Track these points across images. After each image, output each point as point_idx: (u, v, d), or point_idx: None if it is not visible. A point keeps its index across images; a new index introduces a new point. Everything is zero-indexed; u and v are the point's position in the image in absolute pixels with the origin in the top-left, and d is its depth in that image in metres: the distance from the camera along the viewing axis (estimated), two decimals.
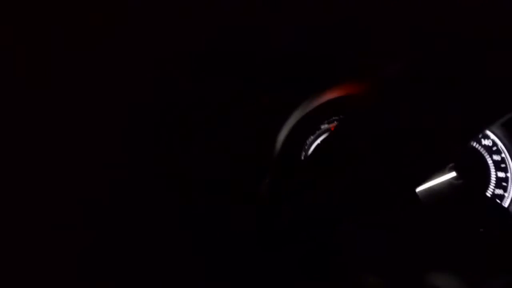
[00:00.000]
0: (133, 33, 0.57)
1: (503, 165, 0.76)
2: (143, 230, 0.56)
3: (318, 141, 0.80)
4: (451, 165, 0.72)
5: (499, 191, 0.75)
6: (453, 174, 0.73)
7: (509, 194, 0.75)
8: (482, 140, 0.77)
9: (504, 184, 0.75)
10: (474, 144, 0.77)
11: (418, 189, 0.69)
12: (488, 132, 0.77)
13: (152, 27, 0.58)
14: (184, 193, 0.64)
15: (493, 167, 0.76)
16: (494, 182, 0.75)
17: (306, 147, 0.78)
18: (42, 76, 0.53)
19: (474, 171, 0.76)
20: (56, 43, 0.52)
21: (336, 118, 0.79)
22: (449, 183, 0.73)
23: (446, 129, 0.58)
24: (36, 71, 0.52)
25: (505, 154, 0.76)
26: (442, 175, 0.72)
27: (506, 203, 0.74)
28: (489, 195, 0.75)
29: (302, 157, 0.77)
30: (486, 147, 0.77)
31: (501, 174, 0.76)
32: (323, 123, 0.79)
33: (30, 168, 0.51)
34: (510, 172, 0.75)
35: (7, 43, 0.51)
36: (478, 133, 0.75)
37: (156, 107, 0.65)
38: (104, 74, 0.57)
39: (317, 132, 0.79)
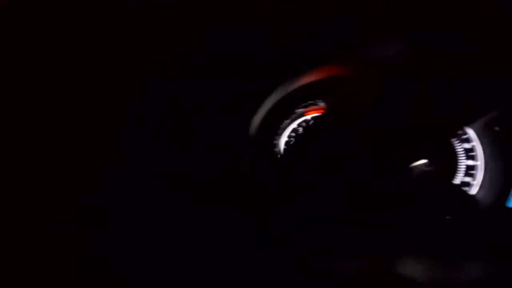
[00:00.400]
0: (133, 33, 0.57)
1: (472, 154, 0.78)
2: (143, 230, 0.57)
3: (294, 125, 0.80)
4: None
5: (467, 179, 0.77)
6: (424, 160, 0.75)
7: (478, 182, 0.76)
8: None
9: (473, 172, 0.77)
10: None
11: None
12: None
13: (152, 27, 0.57)
14: (184, 193, 0.64)
15: (463, 155, 0.78)
16: (463, 170, 0.77)
17: (280, 132, 0.78)
18: (42, 76, 0.52)
19: (444, 158, 0.77)
20: (56, 43, 0.52)
21: (311, 102, 0.79)
22: (420, 169, 0.75)
23: (431, 126, 0.60)
24: (36, 71, 0.52)
25: (476, 142, 0.78)
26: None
27: (473, 191, 0.76)
28: (457, 183, 0.77)
29: (276, 141, 0.78)
30: (457, 135, 0.78)
31: (470, 162, 0.78)
32: (298, 108, 0.79)
33: (30, 169, 0.51)
34: (480, 161, 0.77)
35: (8, 42, 0.50)
36: (459, 130, 0.76)
37: (156, 107, 0.65)
38: (104, 74, 0.56)
39: (292, 117, 0.79)
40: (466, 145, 0.78)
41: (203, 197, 0.66)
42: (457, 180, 0.77)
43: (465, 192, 0.75)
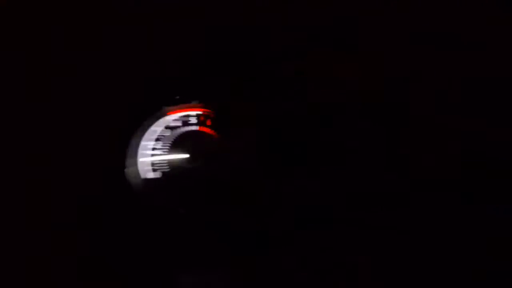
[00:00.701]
0: (133, 33, 0.57)
1: None
2: (143, 230, 0.57)
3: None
4: None
5: None
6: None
7: None
8: None
9: None
10: None
11: None
12: None
13: (152, 27, 0.58)
14: (184, 193, 0.65)
15: None
16: None
17: None
18: (42, 76, 0.52)
19: None
20: (56, 43, 0.52)
21: None
22: None
23: None
24: (36, 71, 0.52)
25: None
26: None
27: None
28: None
29: None
30: None
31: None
32: None
33: (30, 169, 0.51)
34: None
35: (8, 42, 0.51)
36: None
37: (156, 108, 0.66)
38: (104, 74, 0.57)
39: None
40: None
41: (203, 197, 0.66)
42: None
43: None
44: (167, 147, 0.70)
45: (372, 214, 0.64)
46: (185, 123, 0.71)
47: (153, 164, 0.70)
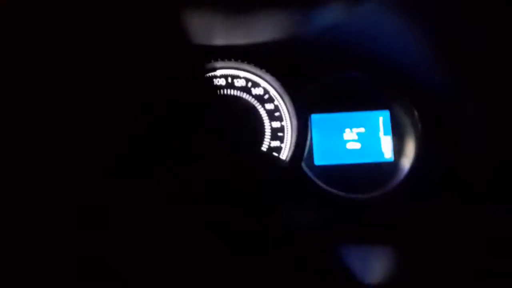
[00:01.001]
0: (133, 33, 0.57)
1: (277, 114, 0.69)
2: (143, 230, 0.57)
3: None
4: None
5: (275, 143, 0.69)
6: None
7: (285, 145, 0.69)
8: (252, 89, 0.69)
9: (280, 134, 0.69)
10: (244, 95, 0.69)
11: None
12: (258, 80, 0.69)
13: (152, 27, 0.58)
14: (184, 193, 0.66)
15: (267, 117, 0.69)
16: (270, 133, 0.69)
17: None
18: (42, 76, 0.52)
19: (248, 124, 0.69)
20: (56, 43, 0.52)
21: None
22: None
23: None
24: (36, 71, 0.52)
25: (278, 101, 0.69)
26: None
27: (283, 155, 0.69)
28: (265, 149, 0.69)
29: None
30: (257, 96, 0.69)
31: (275, 124, 0.69)
32: None
33: (30, 169, 0.51)
34: (285, 121, 0.69)
35: (7, 42, 0.50)
36: None
37: (156, 108, 0.66)
38: (104, 74, 0.57)
39: None
40: (269, 106, 0.69)
41: (203, 197, 0.66)
42: (264, 146, 0.69)
43: (277, 158, 0.69)
44: None
45: (372, 214, 0.64)
46: None
47: None
